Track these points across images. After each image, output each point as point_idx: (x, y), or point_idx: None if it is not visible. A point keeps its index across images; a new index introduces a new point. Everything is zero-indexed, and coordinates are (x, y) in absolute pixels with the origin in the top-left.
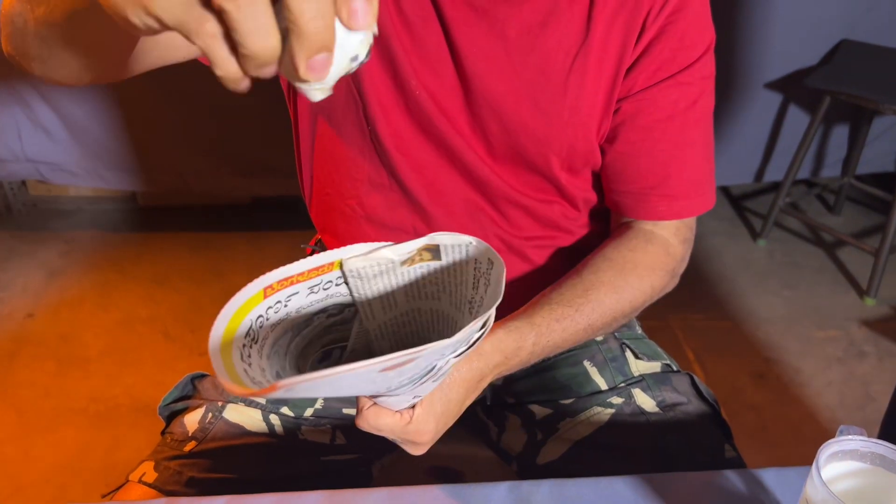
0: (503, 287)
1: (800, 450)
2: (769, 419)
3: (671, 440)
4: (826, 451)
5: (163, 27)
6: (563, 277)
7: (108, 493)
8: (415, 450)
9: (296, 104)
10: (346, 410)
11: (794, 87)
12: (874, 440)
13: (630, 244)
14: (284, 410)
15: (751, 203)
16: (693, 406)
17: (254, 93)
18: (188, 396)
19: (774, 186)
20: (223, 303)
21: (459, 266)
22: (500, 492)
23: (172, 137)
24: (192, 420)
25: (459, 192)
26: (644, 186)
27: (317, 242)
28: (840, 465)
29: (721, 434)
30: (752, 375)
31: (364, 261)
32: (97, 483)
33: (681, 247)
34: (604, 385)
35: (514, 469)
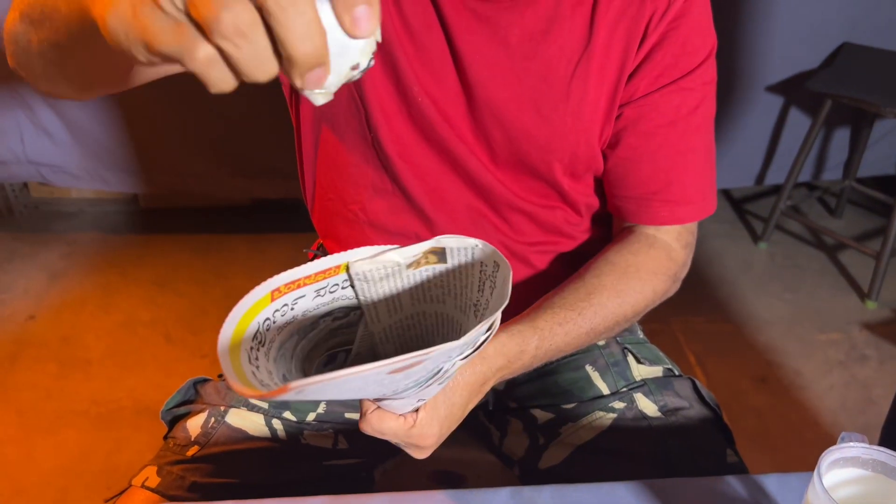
0: (510, 289)
1: (801, 453)
2: (770, 422)
3: (673, 445)
4: (827, 458)
5: (166, 61)
6: (566, 281)
7: (111, 498)
8: (418, 454)
9: (298, 111)
10: (349, 415)
11: (796, 91)
12: (875, 447)
13: (632, 248)
14: (287, 415)
15: (752, 206)
16: (695, 411)
17: (255, 95)
18: (191, 401)
19: (776, 189)
20: (224, 305)
21: (465, 269)
22: (502, 497)
23: (173, 139)
24: (195, 425)
25: (462, 199)
26: (646, 192)
27: (319, 247)
28: (841, 472)
29: (723, 439)
30: (754, 379)
31: (370, 264)
32: (98, 486)
33: (682, 252)
34: (606, 390)
35: (516, 473)
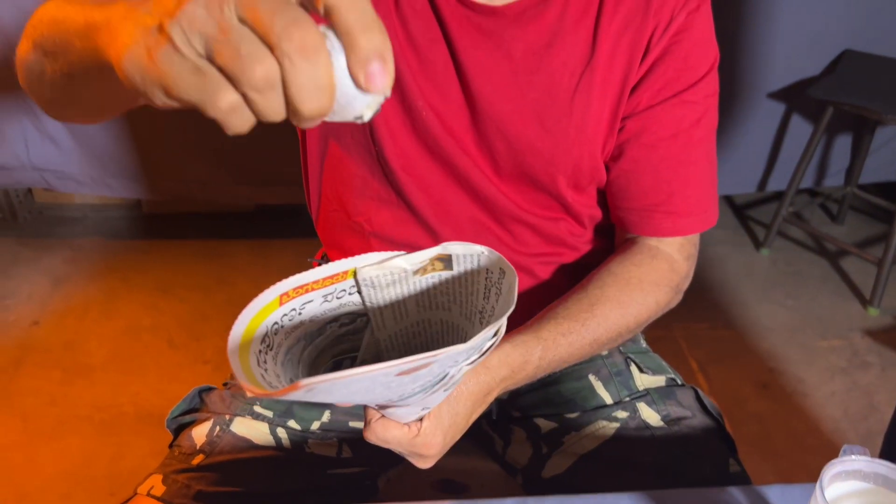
0: (515, 296)
1: (803, 460)
2: (772, 429)
3: (676, 454)
4: (830, 471)
5: (183, 105)
6: (569, 292)
7: None
8: (422, 463)
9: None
10: (353, 424)
11: (797, 97)
12: (878, 460)
13: (635, 260)
14: (291, 424)
15: (754, 212)
16: (697, 420)
17: None
18: (196, 409)
19: (777, 196)
20: (227, 311)
21: (471, 276)
22: None
23: (177, 146)
24: (200, 433)
25: (466, 211)
26: (648, 203)
27: (323, 256)
28: (844, 485)
29: (725, 448)
30: (756, 385)
31: (378, 270)
32: (101, 491)
33: (685, 263)
34: (609, 399)
35: (520, 482)
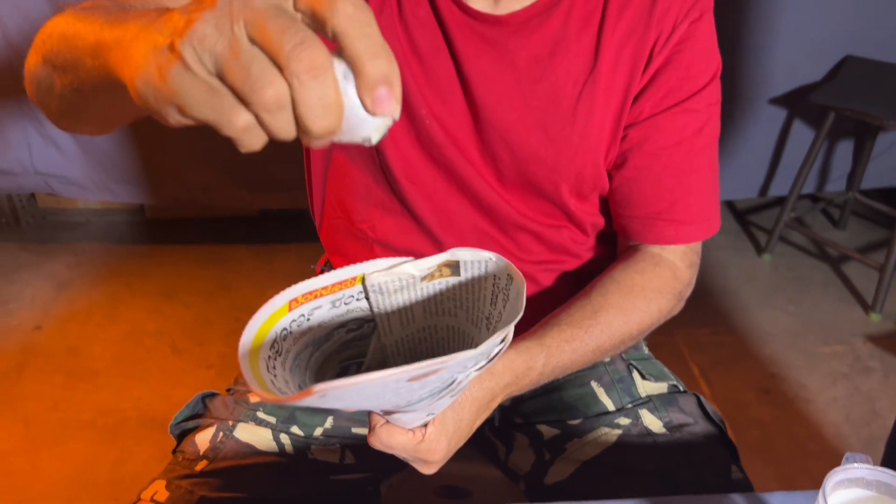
0: (524, 302)
1: (805, 465)
2: (774, 435)
3: (678, 461)
4: (832, 479)
5: (197, 124)
6: (572, 299)
7: None
8: (426, 468)
9: None
10: (356, 430)
11: (799, 103)
12: (880, 468)
13: (638, 267)
14: (294, 430)
15: (756, 217)
16: (700, 427)
17: None
18: (199, 415)
19: (779, 201)
20: (230, 316)
21: (478, 282)
22: None
23: (180, 151)
24: (204, 439)
25: (469, 219)
26: (651, 212)
27: (326, 262)
28: (846, 493)
29: (728, 454)
30: (758, 390)
31: (386, 276)
32: (104, 496)
33: (687, 271)
34: (611, 406)
35: (522, 489)
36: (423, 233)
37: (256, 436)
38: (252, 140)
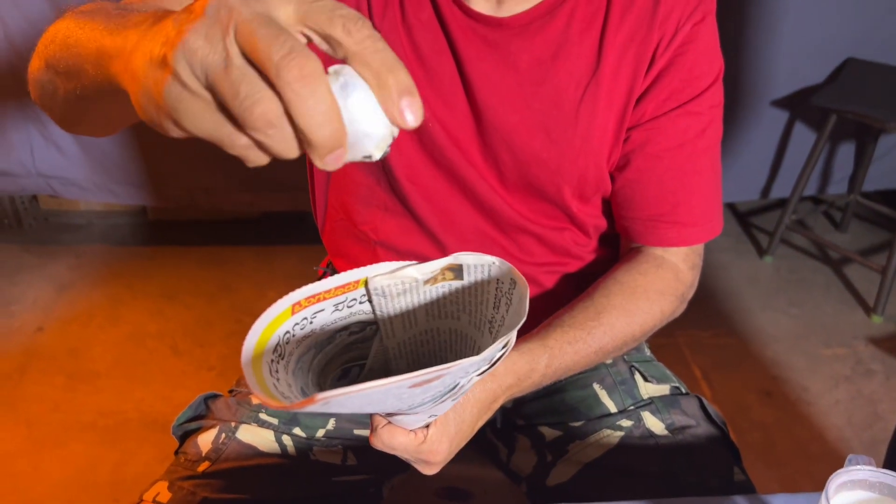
0: (527, 307)
1: (807, 468)
2: (776, 437)
3: (680, 463)
4: (835, 481)
5: (196, 137)
6: (575, 300)
7: None
8: (427, 469)
9: None
10: (358, 431)
11: (801, 105)
12: (883, 471)
13: (640, 268)
14: (296, 431)
15: (757, 219)
16: (702, 429)
17: None
18: (201, 416)
19: (781, 203)
20: (232, 318)
21: (481, 286)
22: None
23: (181, 153)
24: (206, 440)
25: (471, 221)
26: (653, 213)
27: (328, 264)
28: (849, 495)
29: (730, 457)
30: (759, 393)
31: (389, 279)
32: (106, 498)
33: (690, 273)
34: (613, 408)
35: (524, 490)
36: (425, 234)
37: (259, 437)
38: (255, 157)
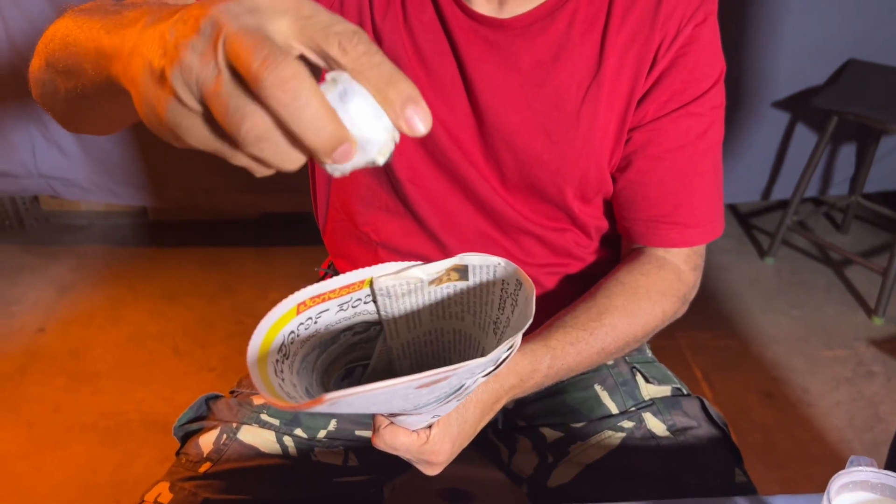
0: (533, 308)
1: (808, 470)
2: (777, 439)
3: (681, 464)
4: (837, 482)
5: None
6: (577, 301)
7: None
8: (429, 470)
9: None
10: (359, 432)
11: (802, 107)
12: (885, 472)
13: (642, 269)
14: (298, 432)
15: (758, 221)
16: (703, 430)
17: None
18: (203, 417)
19: (782, 204)
20: (232, 318)
21: (486, 287)
22: None
23: (182, 154)
24: (207, 441)
25: (472, 222)
26: (655, 214)
27: (329, 265)
28: (851, 496)
29: (731, 458)
30: (760, 394)
31: (394, 279)
32: (106, 499)
33: (691, 274)
34: (614, 409)
35: (525, 491)
36: (427, 235)
37: (260, 438)
38: (260, 169)
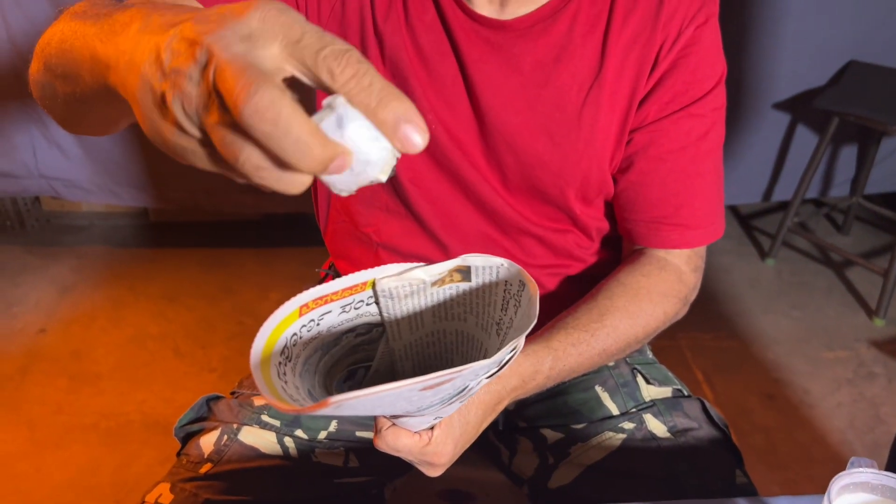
0: (537, 309)
1: (809, 472)
2: (778, 441)
3: (682, 466)
4: (838, 484)
5: None
6: (579, 302)
7: None
8: (431, 471)
9: None
10: (360, 433)
11: (803, 108)
12: (885, 473)
13: (644, 270)
14: (298, 433)
15: (759, 222)
16: (704, 431)
17: None
18: (204, 418)
19: (783, 206)
20: (233, 319)
21: (489, 287)
22: None
23: None
24: (208, 442)
25: (473, 223)
26: (656, 216)
27: (330, 266)
28: (851, 497)
29: (732, 459)
30: (761, 396)
31: (396, 281)
32: (107, 500)
33: (692, 275)
34: (615, 410)
35: (526, 493)
36: (428, 236)
37: (261, 439)
38: (266, 190)
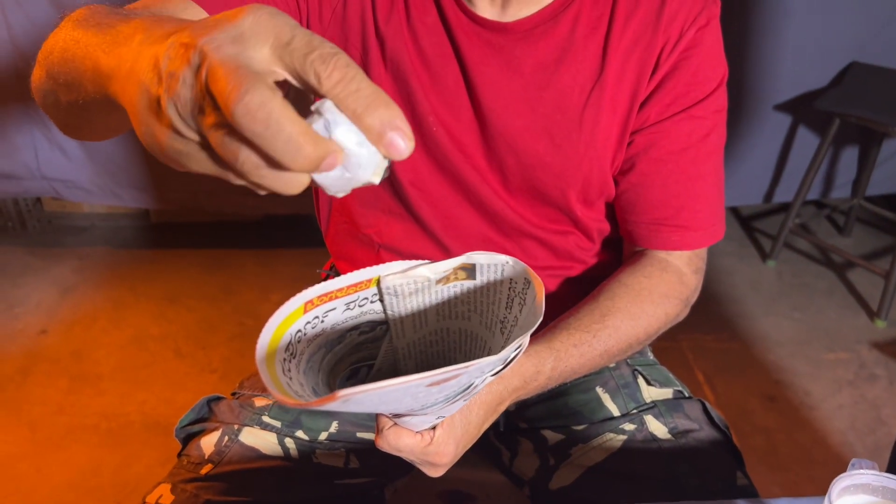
0: (543, 307)
1: (810, 473)
2: (779, 442)
3: (683, 467)
4: (838, 485)
5: None
6: (580, 303)
7: None
8: (433, 471)
9: None
10: (360, 434)
11: (804, 109)
12: (886, 475)
13: (645, 271)
14: (299, 434)
15: (760, 224)
16: (705, 433)
17: None
18: (204, 419)
19: (784, 207)
20: (234, 320)
21: (493, 286)
22: None
23: None
24: (209, 443)
25: (474, 225)
26: (657, 217)
27: (331, 267)
28: (852, 499)
29: (733, 461)
30: (762, 397)
31: (401, 278)
32: (108, 501)
33: (693, 276)
34: (616, 411)
35: (527, 494)
36: (429, 238)
37: (261, 440)
38: (264, 192)
